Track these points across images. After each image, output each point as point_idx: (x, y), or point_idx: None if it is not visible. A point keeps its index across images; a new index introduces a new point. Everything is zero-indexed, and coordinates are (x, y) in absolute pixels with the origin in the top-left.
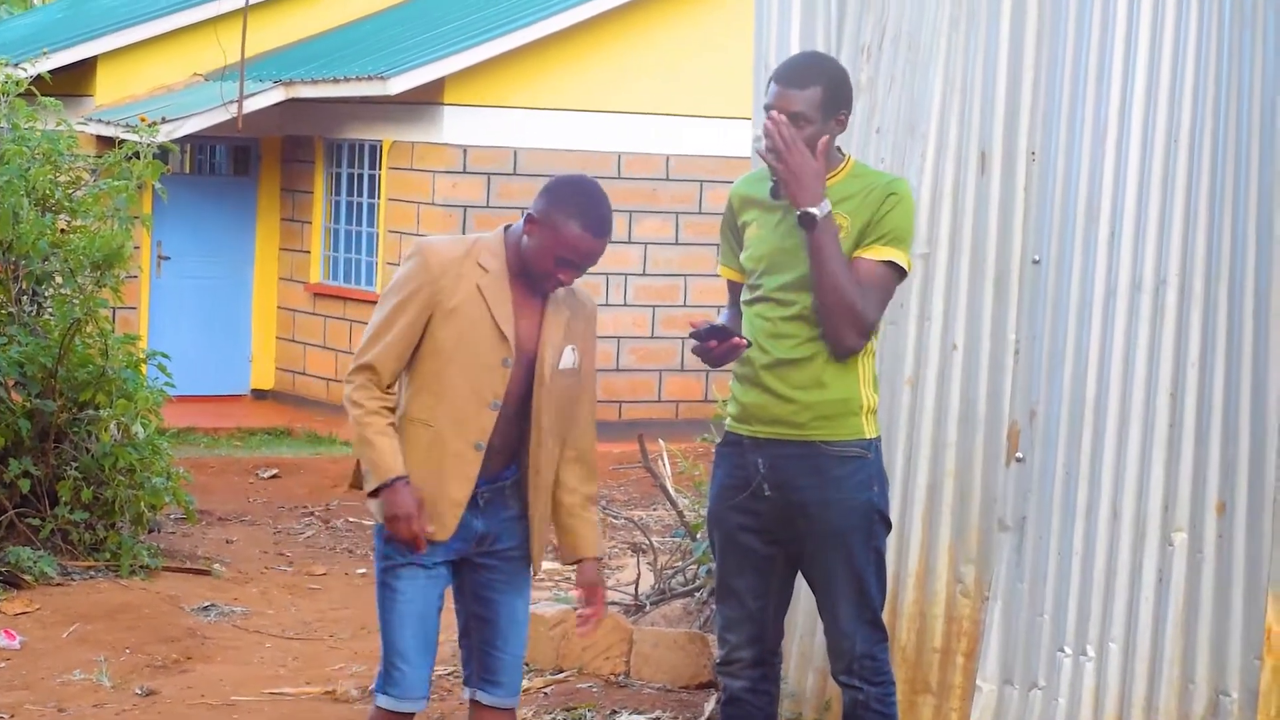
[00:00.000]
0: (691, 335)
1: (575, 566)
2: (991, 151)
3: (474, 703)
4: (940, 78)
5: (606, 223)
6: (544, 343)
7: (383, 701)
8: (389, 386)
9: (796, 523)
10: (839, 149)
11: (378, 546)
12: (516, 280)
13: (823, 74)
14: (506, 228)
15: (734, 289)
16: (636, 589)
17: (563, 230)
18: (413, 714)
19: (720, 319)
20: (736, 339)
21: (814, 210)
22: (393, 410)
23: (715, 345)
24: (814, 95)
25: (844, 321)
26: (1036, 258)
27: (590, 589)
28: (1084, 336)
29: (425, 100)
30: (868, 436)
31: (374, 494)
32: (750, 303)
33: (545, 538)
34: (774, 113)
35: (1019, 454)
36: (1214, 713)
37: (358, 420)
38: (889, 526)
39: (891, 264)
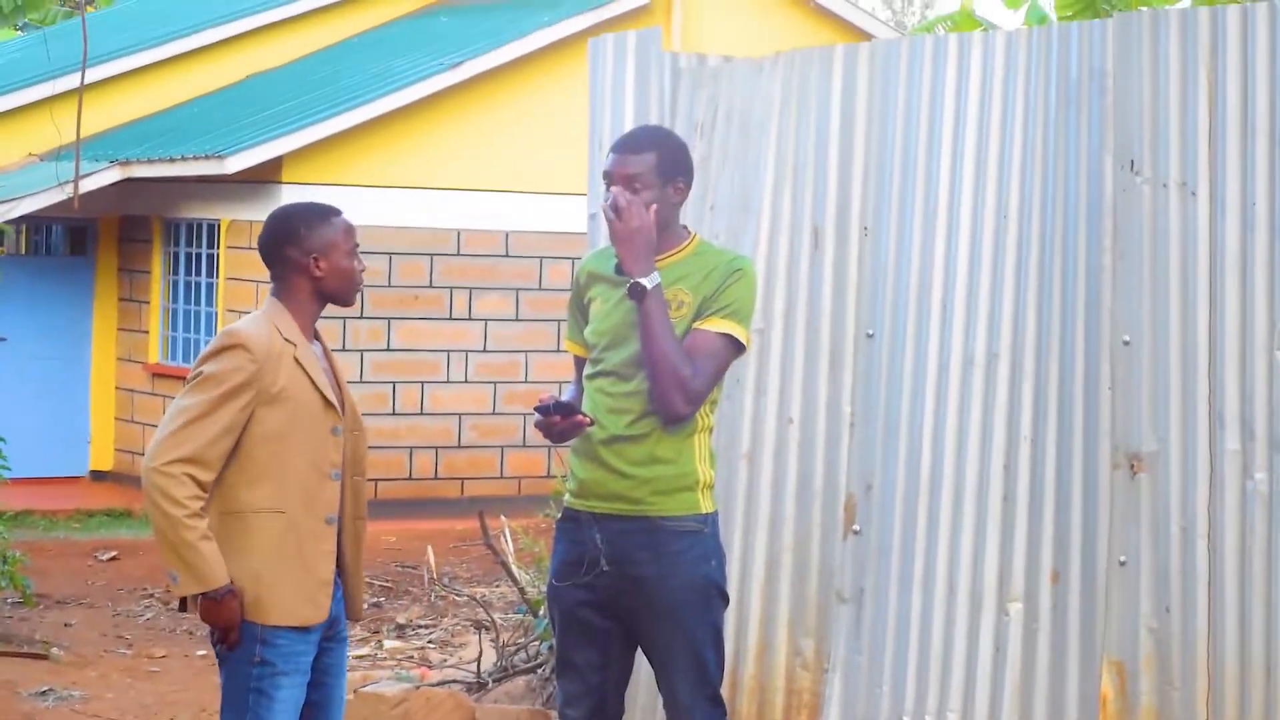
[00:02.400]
0: (536, 409)
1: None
2: (824, 227)
3: None
4: (773, 155)
5: (330, 205)
6: (345, 388)
7: None
8: (208, 482)
9: (634, 597)
10: (685, 227)
11: (250, 649)
12: (311, 341)
13: (656, 141)
14: (272, 296)
15: (579, 365)
16: (479, 666)
17: (328, 234)
18: None
19: (565, 396)
20: (580, 416)
21: (644, 281)
22: (205, 512)
23: (559, 420)
24: (649, 159)
25: (671, 388)
26: (870, 332)
27: None
28: (918, 410)
29: (263, 179)
30: (704, 511)
31: (188, 600)
32: (592, 377)
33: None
34: (615, 186)
35: (856, 526)
36: None
37: (177, 520)
38: (727, 601)
39: (728, 336)
